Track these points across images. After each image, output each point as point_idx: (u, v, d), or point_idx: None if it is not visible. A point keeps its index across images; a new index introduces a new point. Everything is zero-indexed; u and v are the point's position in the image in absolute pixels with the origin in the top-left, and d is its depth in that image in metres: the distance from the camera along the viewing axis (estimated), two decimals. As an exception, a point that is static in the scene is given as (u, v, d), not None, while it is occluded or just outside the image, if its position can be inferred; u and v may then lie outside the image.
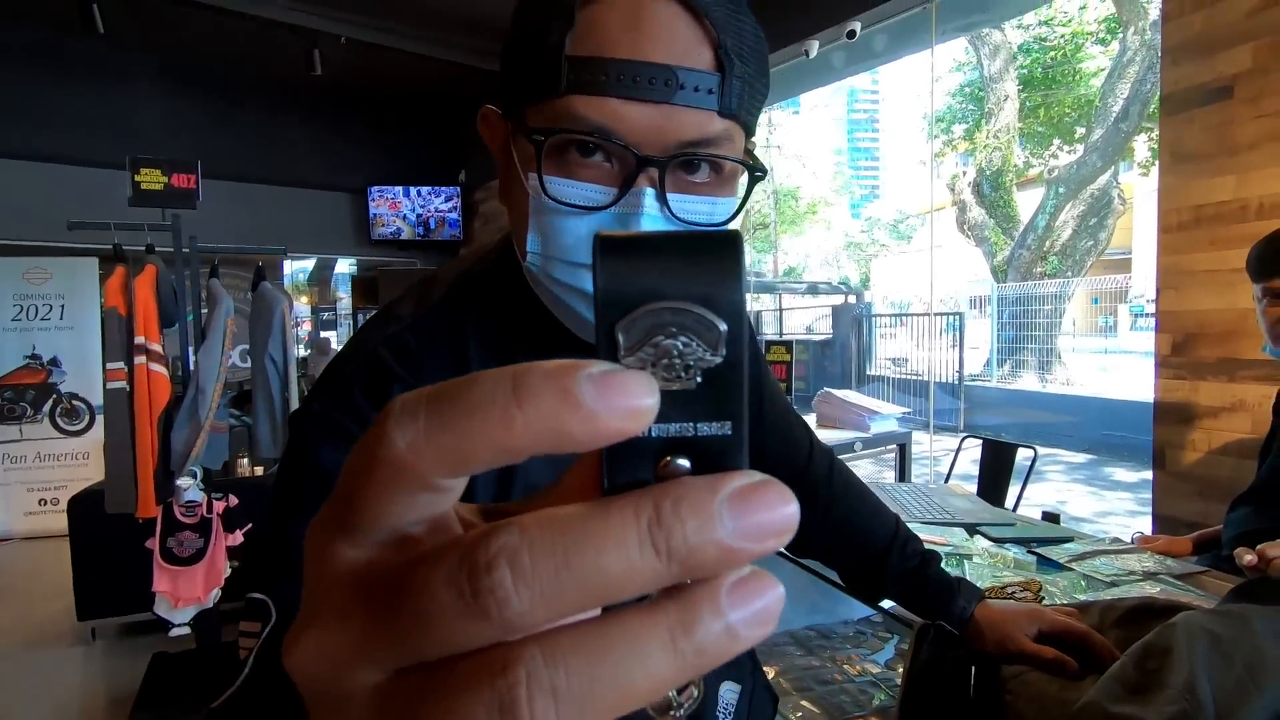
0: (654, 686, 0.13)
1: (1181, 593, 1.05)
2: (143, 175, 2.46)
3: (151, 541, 2.37)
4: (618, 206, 0.44)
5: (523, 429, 0.12)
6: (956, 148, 15.79)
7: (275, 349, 2.56)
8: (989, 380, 9.49)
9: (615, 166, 0.44)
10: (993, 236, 10.38)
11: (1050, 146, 13.10)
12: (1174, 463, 2.04)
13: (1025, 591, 1.05)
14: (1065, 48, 12.75)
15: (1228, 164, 1.87)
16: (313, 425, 0.48)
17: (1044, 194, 9.52)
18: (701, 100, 0.43)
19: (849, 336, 10.35)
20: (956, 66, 16.64)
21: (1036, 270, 9.52)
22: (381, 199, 6.15)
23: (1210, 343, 1.94)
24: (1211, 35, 1.89)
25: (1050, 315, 9.07)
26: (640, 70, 0.41)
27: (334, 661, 0.14)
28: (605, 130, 0.42)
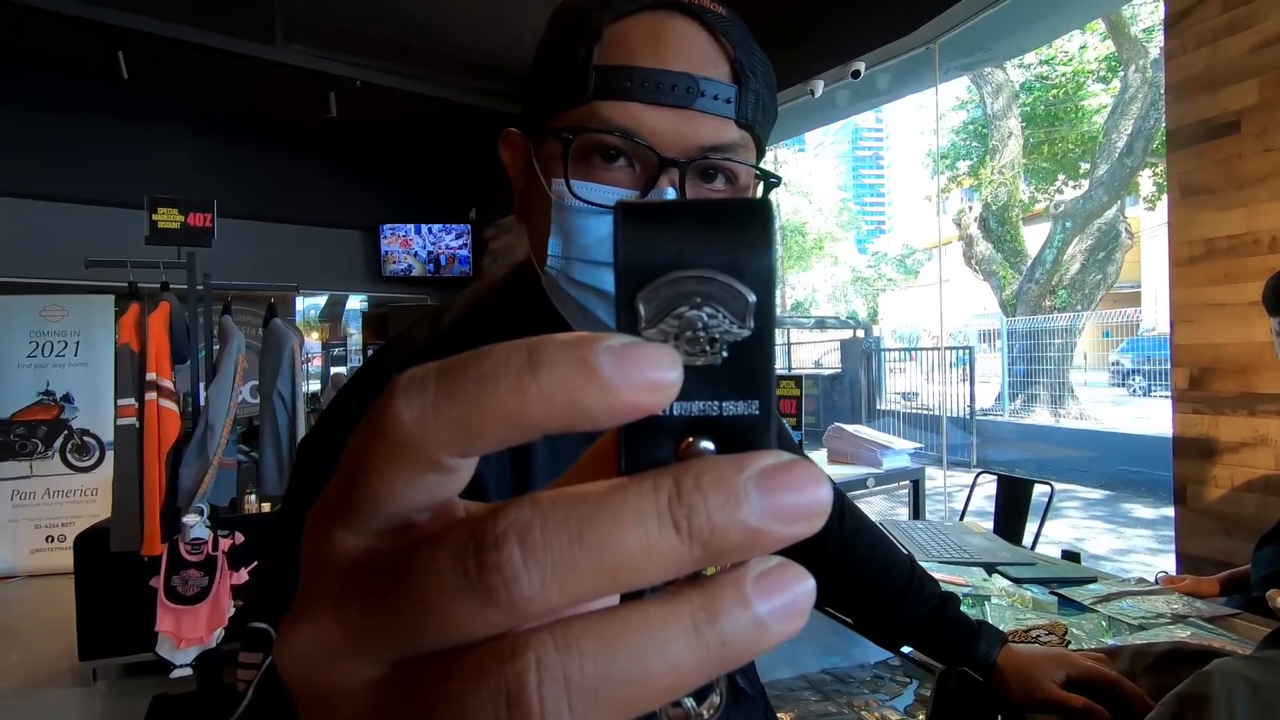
0: (675, 680, 0.11)
1: (1214, 637, 1.01)
2: (160, 214, 2.50)
3: (156, 580, 2.34)
4: None
5: (537, 401, 0.11)
6: (961, 183, 15.94)
7: (284, 385, 2.56)
8: (1001, 415, 9.39)
9: (638, 169, 0.45)
10: (1000, 270, 10.39)
11: (1055, 182, 13.20)
12: (1196, 499, 1.99)
13: (1050, 635, 1.01)
14: (1067, 86, 12.94)
15: (1237, 198, 1.87)
16: (323, 448, 0.47)
17: (1051, 228, 9.56)
18: (720, 108, 0.45)
19: (858, 371, 10.30)
20: (959, 104, 16.91)
21: (1045, 304, 9.50)
22: (393, 236, 6.24)
23: (1228, 376, 1.91)
24: (1216, 71, 1.91)
25: (1061, 349, 9.02)
26: (663, 77, 0.43)
27: (328, 654, 0.12)
28: (629, 132, 0.44)
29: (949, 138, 17.09)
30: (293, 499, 0.47)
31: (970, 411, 8.59)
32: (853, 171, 59.28)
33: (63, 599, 3.22)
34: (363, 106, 4.64)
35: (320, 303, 11.20)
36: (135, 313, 2.32)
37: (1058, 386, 9.07)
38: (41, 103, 4.74)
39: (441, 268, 6.33)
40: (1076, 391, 9.44)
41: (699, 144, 0.45)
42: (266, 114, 5.26)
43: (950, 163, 15.97)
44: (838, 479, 2.78)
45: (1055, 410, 9.00)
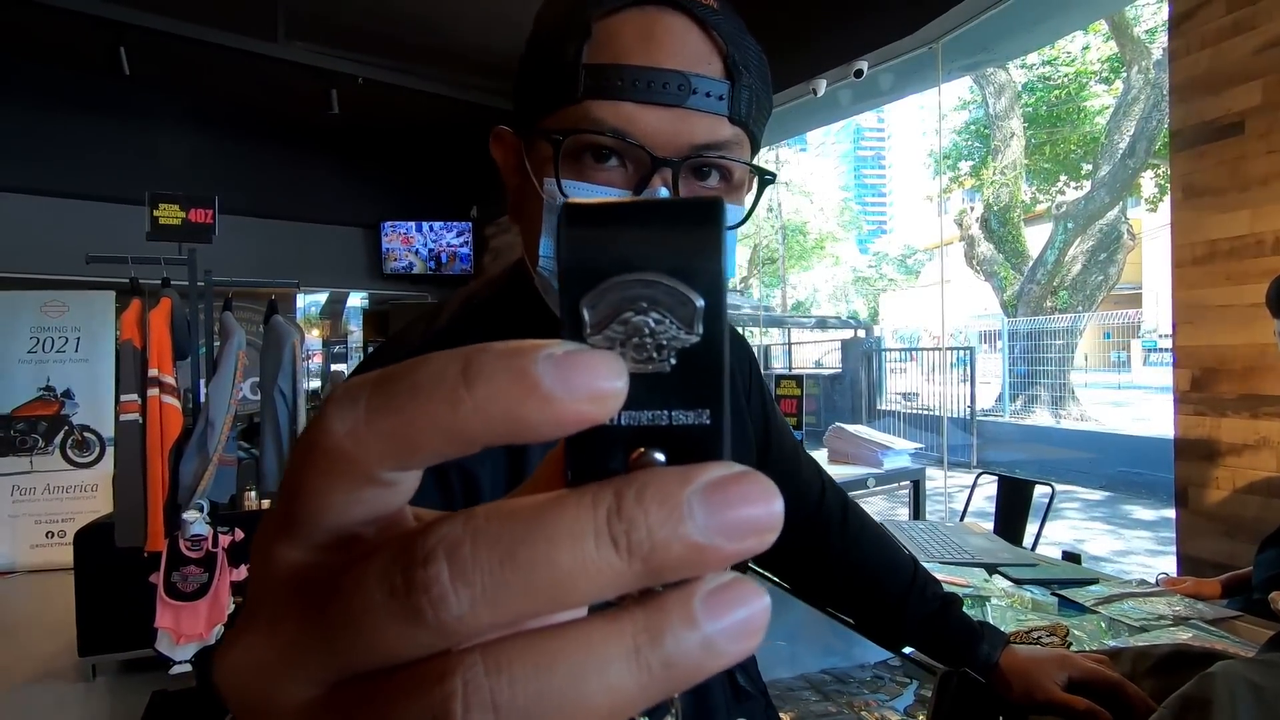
0: (614, 704, 0.11)
1: (1216, 639, 1.01)
2: (161, 210, 2.50)
3: (155, 576, 2.34)
4: None
5: (472, 413, 0.11)
6: (963, 184, 15.94)
7: (285, 382, 2.56)
8: (1001, 416, 9.39)
9: (630, 170, 0.45)
10: (1002, 271, 10.39)
11: (1056, 182, 13.20)
12: (1197, 501, 1.99)
13: (1051, 636, 1.01)
14: (1069, 86, 12.93)
15: (1241, 199, 1.87)
16: None
17: (1052, 229, 9.55)
18: (713, 105, 0.44)
19: (859, 371, 10.30)
20: (961, 104, 16.89)
21: (1047, 305, 9.49)
22: (394, 234, 6.24)
23: (1231, 378, 1.91)
24: (1220, 72, 1.90)
25: (1062, 350, 9.01)
26: (655, 75, 0.43)
27: (263, 673, 0.12)
28: (621, 132, 0.43)
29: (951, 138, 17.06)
30: None
31: (971, 412, 8.59)
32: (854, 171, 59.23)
33: (62, 595, 3.22)
34: (364, 103, 4.64)
35: (321, 300, 11.20)
36: (137, 309, 2.32)
37: (1058, 387, 9.06)
38: (43, 98, 4.74)
39: (442, 265, 6.33)
40: (1077, 393, 9.43)
41: (691, 142, 0.44)
42: (268, 111, 5.26)
43: (952, 163, 15.95)
44: (839, 479, 2.78)
45: (1056, 411, 9.00)
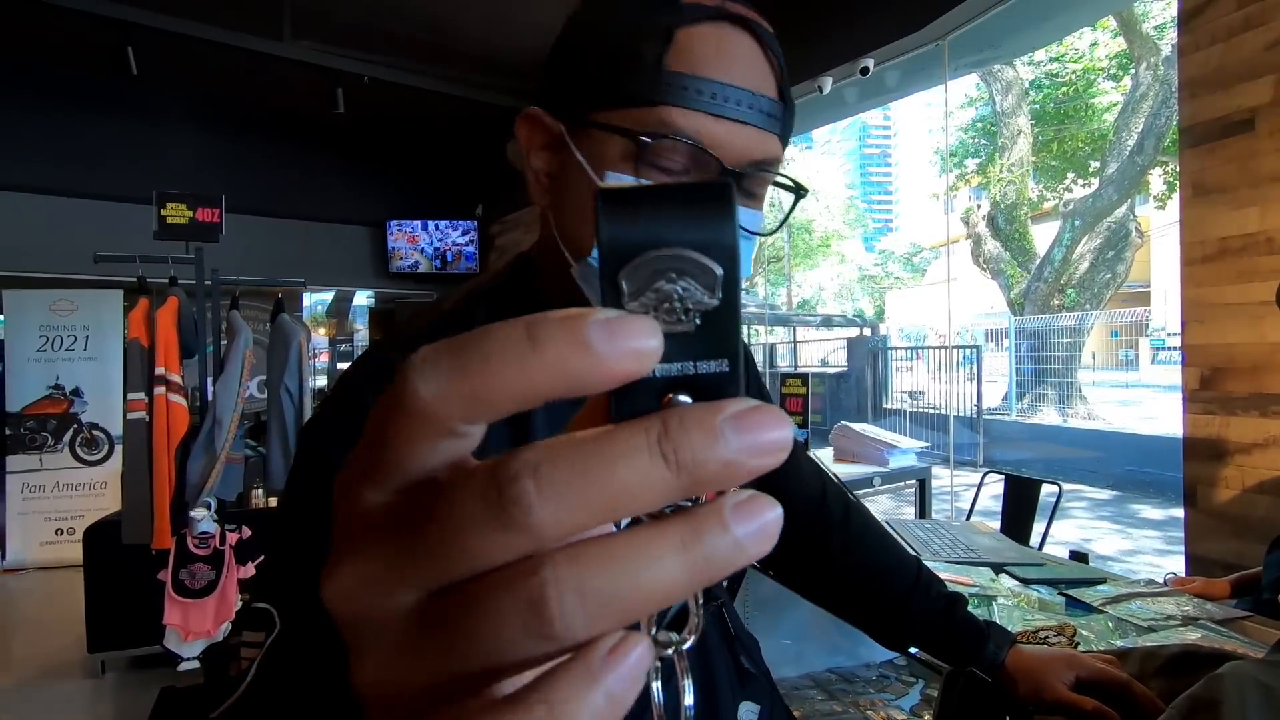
0: (668, 590, 0.14)
1: (1225, 639, 1.01)
2: (169, 210, 2.51)
3: (163, 573, 2.36)
4: None
5: (538, 372, 0.13)
6: (970, 181, 15.86)
7: (291, 380, 2.57)
8: (1008, 414, 9.35)
9: (692, 175, 0.47)
10: (1008, 269, 10.34)
11: (1064, 180, 13.12)
12: (1206, 501, 1.98)
13: (1059, 636, 1.01)
14: (1077, 83, 12.84)
15: (1251, 196, 1.85)
16: (324, 430, 0.49)
17: (1060, 227, 9.50)
18: (770, 124, 0.48)
19: (864, 370, 10.27)
20: (968, 101, 16.81)
21: (1054, 303, 9.44)
22: (400, 232, 6.25)
23: (1240, 377, 1.90)
24: (1230, 68, 1.89)
25: (1069, 348, 8.96)
26: (729, 92, 0.46)
27: (369, 586, 0.14)
28: (698, 141, 0.46)
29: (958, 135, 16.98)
30: (297, 482, 0.48)
31: (977, 411, 8.55)
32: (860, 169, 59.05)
33: (72, 592, 3.25)
34: (370, 102, 4.65)
35: (327, 298, 11.24)
36: (144, 307, 2.33)
37: (1066, 386, 9.01)
38: (51, 98, 4.77)
39: (448, 264, 6.34)
40: (1085, 391, 9.38)
41: (750, 158, 0.48)
42: (275, 110, 5.27)
43: (959, 160, 15.88)
44: (844, 477, 2.77)
45: (1063, 410, 8.95)
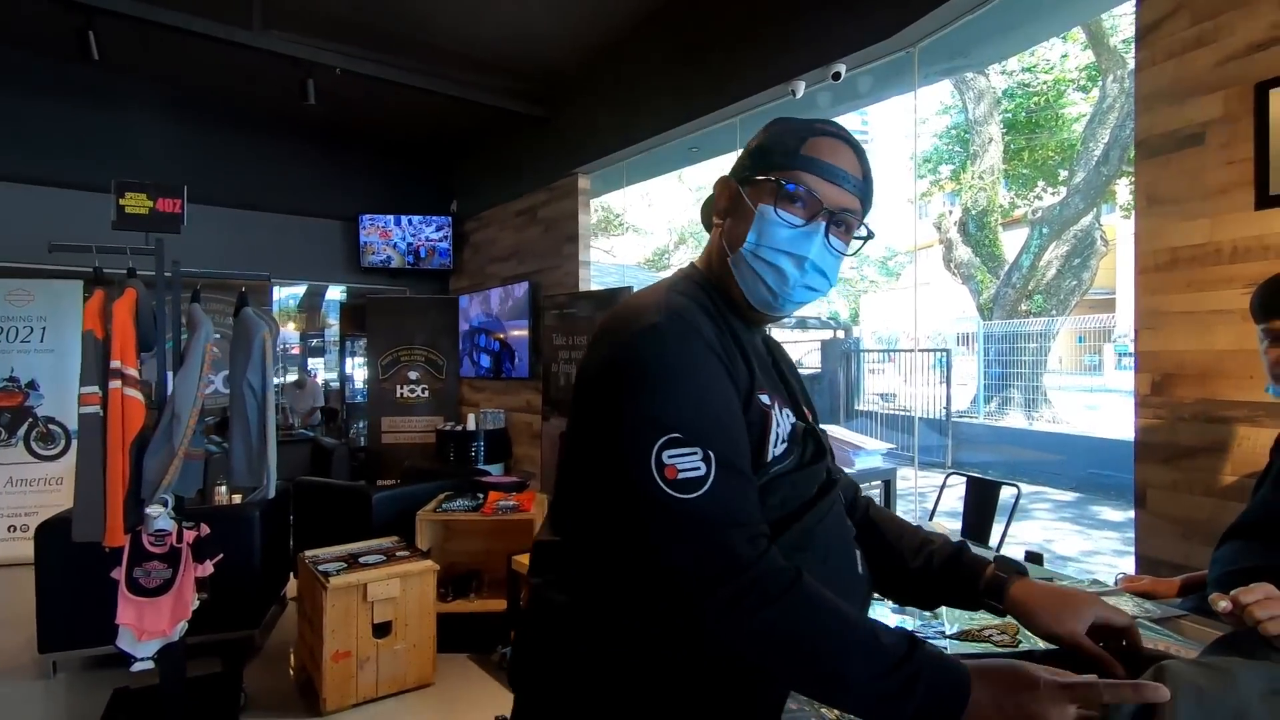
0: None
1: (1161, 638, 1.04)
2: (128, 199, 2.45)
3: (117, 571, 2.30)
4: (806, 228, 0.80)
5: None
6: (943, 188, 16.11)
7: (254, 376, 2.53)
8: (976, 417, 9.52)
9: (805, 209, 0.81)
10: (978, 275, 10.52)
11: (1035, 188, 13.38)
12: (1156, 503, 2.04)
13: (1003, 634, 1.03)
14: (1048, 94, 13.10)
15: (1201, 208, 1.91)
16: (673, 333, 0.73)
17: (1028, 234, 9.69)
18: (854, 190, 0.82)
19: (837, 372, 10.38)
20: (943, 109, 17.05)
21: (1021, 308, 9.63)
22: (372, 227, 6.18)
23: (1189, 383, 1.95)
24: (1184, 83, 1.94)
25: (1036, 353, 9.16)
26: (834, 170, 0.80)
27: None
28: (815, 192, 0.80)
29: (932, 142, 17.21)
30: (665, 375, 0.71)
31: (946, 414, 8.70)
32: (838, 173, 59.47)
33: (24, 590, 3.16)
34: (342, 95, 4.59)
35: (299, 292, 11.06)
36: (100, 299, 2.27)
37: (1032, 390, 9.20)
38: (10, 82, 4.63)
39: (421, 260, 6.28)
40: (1051, 395, 9.58)
41: (841, 206, 0.81)
42: (243, 100, 5.18)
43: (933, 167, 16.11)
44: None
45: (1029, 413, 9.14)
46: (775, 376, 0.88)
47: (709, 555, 0.65)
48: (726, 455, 0.68)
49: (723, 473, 0.66)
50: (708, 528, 0.65)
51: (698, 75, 3.78)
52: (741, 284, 0.83)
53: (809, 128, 0.82)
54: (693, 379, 0.70)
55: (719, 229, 0.86)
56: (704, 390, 0.70)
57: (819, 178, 0.79)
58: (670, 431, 0.66)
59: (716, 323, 0.79)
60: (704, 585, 0.64)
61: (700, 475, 0.65)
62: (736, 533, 0.66)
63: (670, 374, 0.70)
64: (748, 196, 0.82)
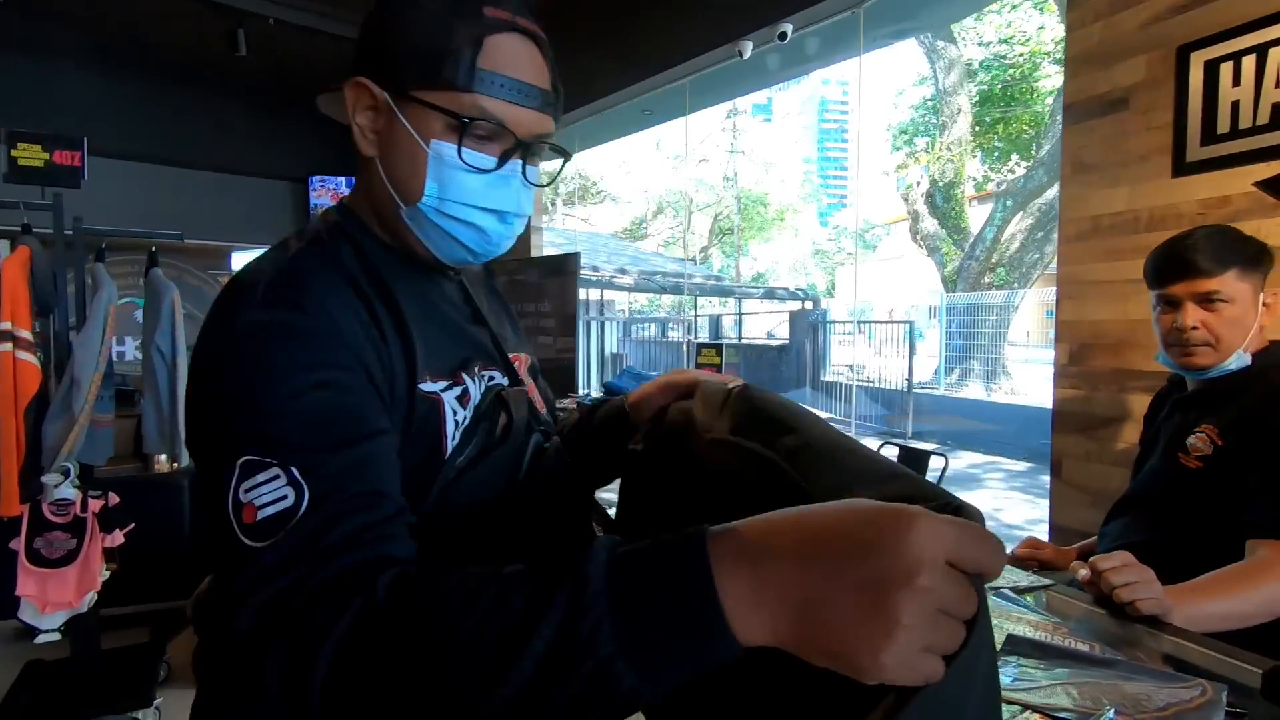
0: None
1: (1014, 608, 1.02)
2: (21, 150, 2.31)
3: (16, 542, 2.22)
4: (502, 171, 0.65)
5: None
6: (919, 160, 16.08)
7: (163, 340, 2.42)
8: (937, 388, 9.63)
9: (495, 145, 0.64)
10: (944, 247, 10.55)
11: (1008, 161, 13.40)
12: (1070, 472, 2.04)
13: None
14: (1024, 66, 13.05)
15: (1121, 175, 1.88)
16: (272, 324, 0.55)
17: (992, 207, 9.71)
18: (550, 111, 0.67)
19: (804, 343, 10.41)
20: (920, 80, 16.96)
21: (985, 281, 9.70)
22: (323, 188, 5.99)
23: (1104, 353, 1.94)
24: (1110, 46, 1.90)
25: (996, 325, 9.25)
26: (524, 87, 0.63)
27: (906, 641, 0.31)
28: (504, 123, 0.63)
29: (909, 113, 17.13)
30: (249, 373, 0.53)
31: (908, 384, 8.78)
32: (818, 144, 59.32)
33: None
34: (283, 48, 4.38)
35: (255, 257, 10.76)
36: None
37: (991, 362, 9.31)
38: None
39: (375, 224, 6.11)
40: (1014, 367, 9.71)
41: (534, 133, 0.66)
42: (176, 51, 4.92)
43: (909, 138, 16.06)
44: (745, 448, 2.78)
45: (988, 385, 9.26)
46: (469, 331, 0.72)
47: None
48: (324, 470, 0.49)
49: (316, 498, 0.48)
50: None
51: (643, 36, 3.66)
52: (427, 243, 0.67)
53: (476, 12, 0.61)
54: (285, 381, 0.51)
55: (370, 162, 0.66)
56: (299, 393, 0.51)
57: (509, 102, 0.62)
58: (251, 447, 0.49)
59: (364, 293, 0.61)
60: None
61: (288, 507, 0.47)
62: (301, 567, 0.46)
63: (254, 378, 0.52)
64: (407, 121, 0.62)
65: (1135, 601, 0.96)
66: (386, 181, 0.65)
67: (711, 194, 25.76)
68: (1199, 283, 1.20)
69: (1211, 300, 1.20)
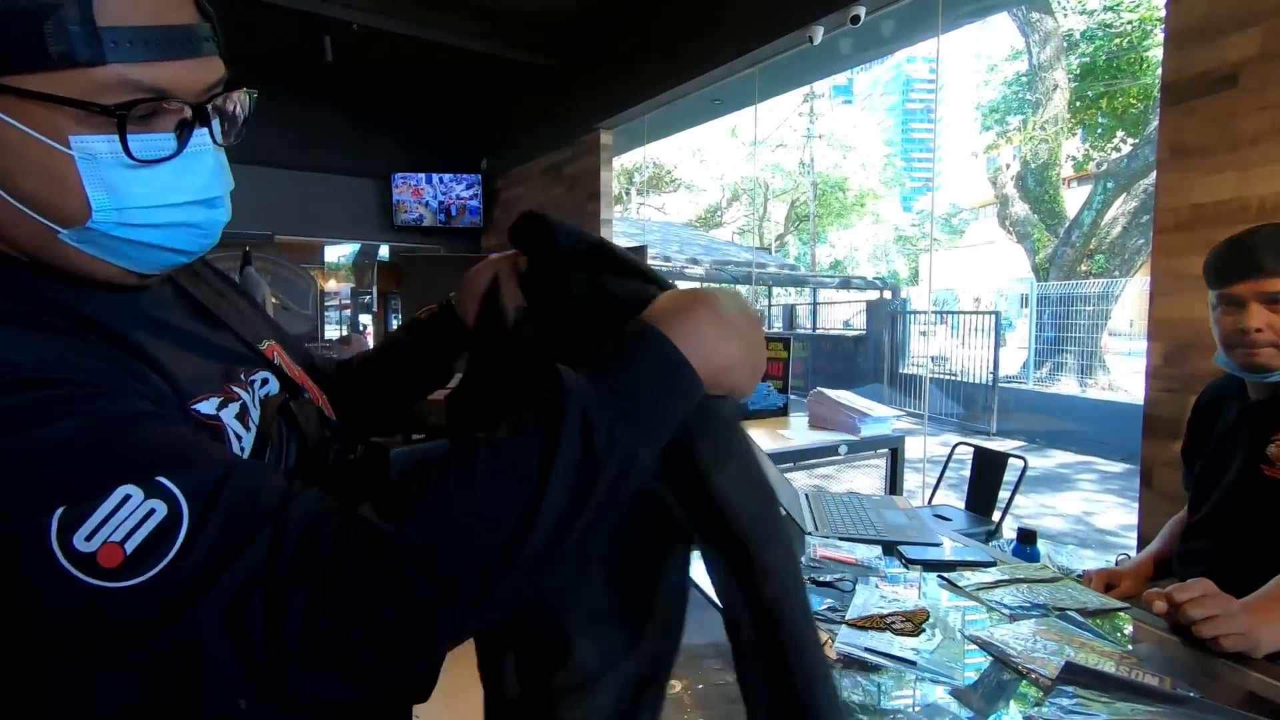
0: None
1: (1079, 634, 0.96)
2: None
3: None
4: (188, 149, 0.49)
5: None
6: (1011, 140, 15.18)
7: (255, 333, 2.60)
8: (1025, 382, 9.10)
9: (163, 120, 0.49)
10: (1035, 233, 9.92)
11: (1113, 139, 12.44)
12: (1162, 482, 1.90)
13: (906, 622, 0.97)
14: (1132, 34, 12.06)
15: (1229, 160, 1.72)
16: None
17: (1091, 189, 9.05)
18: (211, 49, 0.50)
19: (882, 333, 10.06)
20: (1014, 54, 15.97)
21: (1081, 269, 9.07)
22: (404, 185, 6.23)
23: (1203, 355, 1.79)
24: (1218, 17, 1.73)
25: (1093, 316, 8.63)
26: (172, 33, 0.47)
27: None
28: (163, 91, 0.47)
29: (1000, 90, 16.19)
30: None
31: (993, 378, 8.33)
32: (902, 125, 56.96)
33: None
34: (366, 52, 4.58)
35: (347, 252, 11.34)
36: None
37: (1087, 355, 8.71)
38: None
39: (452, 218, 6.32)
40: (1114, 360, 9.06)
41: (207, 84, 0.50)
42: (267, 59, 5.22)
43: (1000, 117, 15.19)
44: (812, 445, 2.72)
45: (1083, 380, 8.68)
46: (213, 339, 0.58)
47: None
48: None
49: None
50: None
51: (713, 25, 3.61)
52: (117, 261, 0.50)
53: None
54: (48, 427, 0.40)
55: None
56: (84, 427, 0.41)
57: (158, 61, 0.46)
58: (58, 496, 0.39)
59: (59, 328, 0.46)
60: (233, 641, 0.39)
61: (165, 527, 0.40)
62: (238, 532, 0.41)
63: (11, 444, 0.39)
64: (17, 121, 0.44)
65: (1218, 638, 0.89)
66: (16, 204, 0.47)
67: (788, 180, 25.19)
68: (1265, 282, 1.12)
69: (1277, 300, 1.12)
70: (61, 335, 0.45)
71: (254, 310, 0.69)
